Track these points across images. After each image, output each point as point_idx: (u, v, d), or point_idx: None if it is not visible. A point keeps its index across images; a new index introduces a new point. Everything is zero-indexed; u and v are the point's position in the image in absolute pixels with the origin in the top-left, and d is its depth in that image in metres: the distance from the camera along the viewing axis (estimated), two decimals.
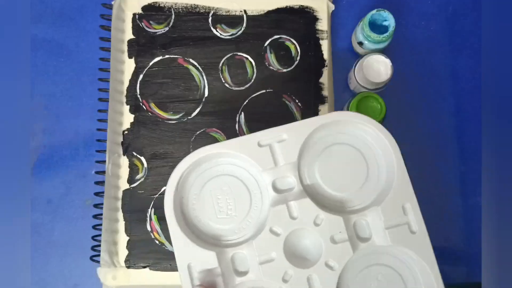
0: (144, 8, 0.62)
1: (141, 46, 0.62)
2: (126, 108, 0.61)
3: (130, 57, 0.62)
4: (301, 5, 0.62)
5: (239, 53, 0.62)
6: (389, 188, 0.47)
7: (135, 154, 0.61)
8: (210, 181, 0.49)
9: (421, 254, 0.46)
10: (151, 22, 0.62)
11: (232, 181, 0.50)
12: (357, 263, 0.47)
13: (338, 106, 0.62)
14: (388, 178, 0.48)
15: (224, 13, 0.62)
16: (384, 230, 0.46)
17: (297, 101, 0.61)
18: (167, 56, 0.62)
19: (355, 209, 0.49)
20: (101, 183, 0.60)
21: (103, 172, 0.60)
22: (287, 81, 0.61)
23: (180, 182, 0.49)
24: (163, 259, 0.59)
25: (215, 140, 0.61)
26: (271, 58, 0.62)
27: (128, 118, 0.61)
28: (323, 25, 0.62)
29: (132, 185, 0.60)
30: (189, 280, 0.46)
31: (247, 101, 0.61)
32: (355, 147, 0.49)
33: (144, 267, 0.59)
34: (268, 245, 0.47)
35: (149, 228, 0.60)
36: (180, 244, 0.47)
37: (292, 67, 0.62)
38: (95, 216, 0.60)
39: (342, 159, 0.49)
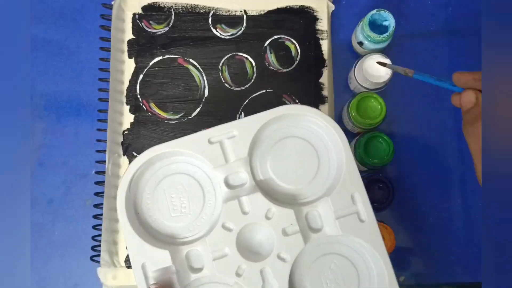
0: (144, 8, 0.62)
1: (141, 46, 0.62)
2: (126, 108, 0.61)
3: (130, 57, 0.62)
4: (301, 5, 0.62)
5: (239, 53, 0.62)
6: (338, 179, 0.48)
7: (135, 154, 0.61)
8: (164, 179, 0.49)
9: (371, 241, 0.47)
10: (151, 22, 0.62)
11: (185, 179, 0.50)
12: (310, 254, 0.48)
13: (338, 106, 0.62)
14: (338, 169, 0.49)
15: (224, 13, 0.62)
16: (334, 220, 0.47)
17: (297, 101, 0.61)
18: (167, 56, 0.62)
19: (306, 201, 0.49)
20: (101, 183, 0.60)
21: (103, 172, 0.60)
22: (287, 81, 0.61)
23: (133, 182, 0.48)
24: None
25: None
26: (271, 58, 0.62)
27: (128, 118, 0.61)
28: (323, 25, 0.62)
29: None
30: (144, 280, 0.46)
31: (247, 101, 0.61)
32: (305, 139, 0.50)
33: None
34: (221, 241, 0.47)
35: None
36: (134, 244, 0.47)
37: (292, 67, 0.62)
38: (95, 216, 0.60)
39: (293, 152, 0.49)
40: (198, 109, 0.61)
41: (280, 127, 0.50)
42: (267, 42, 0.62)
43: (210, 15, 0.62)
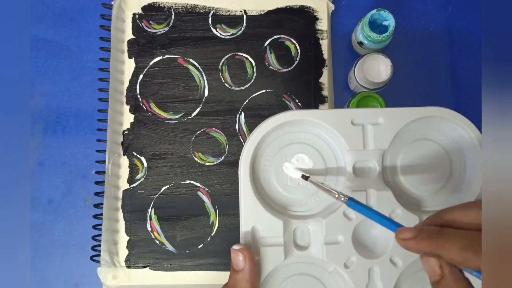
0: (144, 8, 0.62)
1: (141, 46, 0.62)
2: (126, 108, 0.61)
3: (130, 57, 0.62)
4: (301, 5, 0.62)
5: (239, 53, 0.62)
6: (470, 198, 0.46)
7: (135, 154, 0.61)
8: (288, 146, 0.48)
9: None
10: (151, 22, 0.62)
11: (311, 152, 0.48)
12: (417, 263, 0.46)
13: (338, 106, 0.62)
14: (469, 187, 0.47)
15: (224, 13, 0.62)
16: None
17: (297, 101, 0.61)
18: (167, 56, 0.62)
19: (429, 210, 0.47)
20: (101, 183, 0.60)
21: (103, 172, 0.60)
22: (287, 81, 0.61)
23: (260, 140, 0.47)
24: (163, 259, 0.59)
25: (215, 140, 0.61)
26: (271, 58, 0.62)
27: (128, 118, 0.61)
28: (323, 25, 0.62)
29: (132, 185, 0.60)
30: (250, 239, 0.45)
31: (247, 101, 0.61)
32: (443, 148, 0.48)
33: (144, 267, 0.59)
34: (338, 227, 0.46)
35: (149, 228, 0.60)
36: (249, 204, 0.46)
37: (292, 67, 0.62)
38: (95, 216, 0.60)
39: (426, 156, 0.48)
40: (198, 109, 0.61)
41: (420, 127, 0.48)
42: (267, 42, 0.62)
43: (210, 15, 0.62)
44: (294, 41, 0.62)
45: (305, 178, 0.47)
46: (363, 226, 0.46)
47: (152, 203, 0.60)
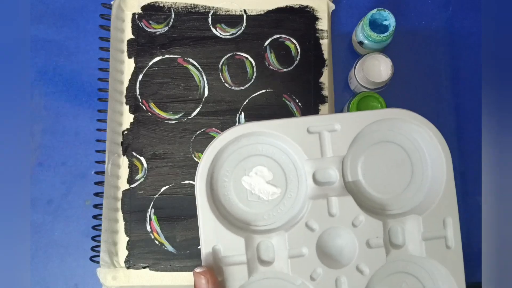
0: (143, 8, 0.62)
1: (140, 46, 0.62)
2: (126, 108, 0.61)
3: (129, 57, 0.62)
4: (301, 5, 0.62)
5: (239, 53, 0.62)
6: (434, 199, 0.46)
7: (134, 154, 0.61)
8: (246, 159, 0.47)
9: (452, 270, 0.45)
10: (150, 22, 0.62)
11: (269, 163, 0.47)
12: (385, 269, 0.46)
13: (339, 106, 0.62)
14: (432, 187, 0.47)
15: (224, 13, 0.62)
16: (421, 241, 0.45)
17: (297, 101, 0.61)
18: (166, 56, 0.62)
19: (393, 213, 0.47)
20: (101, 183, 0.60)
21: (103, 173, 0.60)
22: (287, 81, 0.61)
23: (215, 156, 0.46)
24: (163, 259, 0.59)
25: None
26: (271, 57, 0.62)
27: (127, 118, 0.61)
28: (323, 24, 0.62)
29: (132, 186, 0.60)
30: (212, 260, 0.45)
31: (247, 101, 0.61)
32: (403, 148, 0.47)
33: (144, 267, 0.59)
34: (301, 240, 0.45)
35: (149, 229, 0.59)
36: (208, 223, 0.45)
37: (292, 66, 0.62)
38: (95, 217, 0.60)
39: (387, 159, 0.47)
40: (198, 109, 0.61)
41: (379, 130, 0.47)
42: (267, 41, 0.62)
43: (210, 14, 0.62)
44: (294, 41, 0.62)
45: None
46: (327, 236, 0.46)
47: (152, 203, 0.60)
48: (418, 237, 0.46)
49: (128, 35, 0.62)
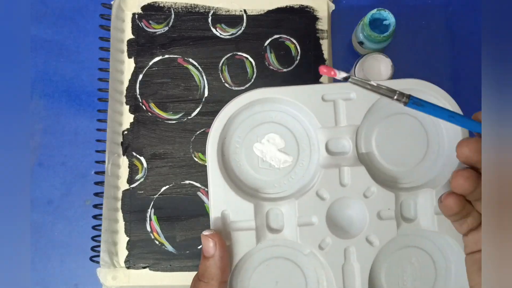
0: (143, 7, 0.62)
1: (140, 46, 0.62)
2: (126, 108, 0.61)
3: (129, 57, 0.62)
4: (301, 5, 0.62)
5: (239, 53, 0.62)
6: (449, 172, 0.44)
7: (134, 154, 0.60)
8: (259, 126, 0.47)
9: None
10: (150, 22, 0.62)
11: (282, 131, 0.47)
12: (395, 242, 0.46)
13: None
14: (447, 161, 0.46)
15: (224, 13, 0.62)
16: (433, 215, 0.45)
17: None
18: (166, 56, 0.62)
19: (406, 186, 0.46)
20: (101, 183, 0.60)
21: (103, 173, 0.60)
22: (287, 81, 0.61)
23: (228, 121, 0.46)
24: (163, 259, 0.59)
25: None
26: (271, 57, 0.62)
27: (127, 118, 0.61)
28: (323, 24, 0.62)
29: (132, 186, 0.60)
30: (221, 227, 0.44)
31: None
32: (419, 120, 0.46)
33: (144, 267, 0.59)
34: (311, 208, 0.44)
35: (149, 229, 0.59)
36: (218, 189, 0.45)
37: (292, 66, 0.62)
38: (95, 217, 0.60)
39: (402, 131, 0.46)
40: (198, 109, 0.61)
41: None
42: (267, 41, 0.62)
43: (210, 14, 0.62)
44: (294, 41, 0.62)
45: (345, 79, 0.41)
46: (338, 206, 0.45)
47: (152, 203, 0.60)
48: (430, 211, 0.45)
49: (128, 35, 0.62)
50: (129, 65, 0.62)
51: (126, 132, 0.61)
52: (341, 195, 0.45)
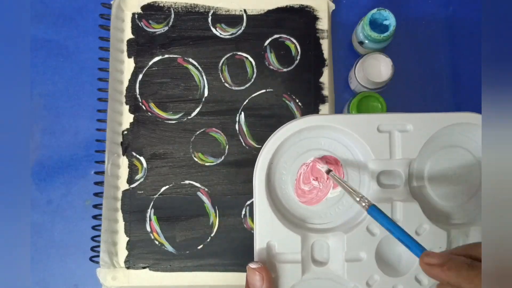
0: (143, 7, 0.62)
1: (140, 46, 0.62)
2: (126, 108, 0.61)
3: (129, 56, 0.62)
4: (301, 4, 0.62)
5: (239, 53, 0.62)
6: None
7: (134, 154, 0.60)
8: (307, 153, 0.45)
9: None
10: (150, 21, 0.62)
11: None
12: None
13: (339, 105, 0.62)
14: None
15: (223, 13, 0.62)
16: None
17: (297, 100, 0.61)
18: (166, 55, 0.62)
19: (457, 223, 0.45)
20: (101, 183, 0.60)
21: (103, 173, 0.60)
22: (287, 80, 0.61)
23: (277, 147, 0.44)
24: (163, 259, 0.59)
25: (215, 140, 0.60)
26: (271, 57, 0.62)
27: (127, 118, 0.61)
28: (323, 24, 0.62)
29: (132, 186, 0.60)
30: (266, 256, 0.43)
31: (247, 101, 0.61)
32: (474, 155, 0.45)
33: (144, 267, 0.59)
34: (360, 243, 0.43)
35: (148, 229, 0.59)
36: (265, 218, 0.43)
37: (292, 66, 0.62)
38: (94, 217, 0.60)
39: (456, 165, 0.45)
40: (197, 109, 0.61)
41: (450, 133, 0.45)
42: (267, 41, 0.62)
43: (210, 14, 0.62)
44: (294, 41, 0.62)
45: (328, 171, 0.44)
46: (387, 242, 0.44)
47: (152, 203, 0.60)
48: None
49: (128, 35, 0.62)
50: (129, 65, 0.62)
51: (126, 132, 0.61)
52: None
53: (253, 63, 0.62)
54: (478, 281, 0.32)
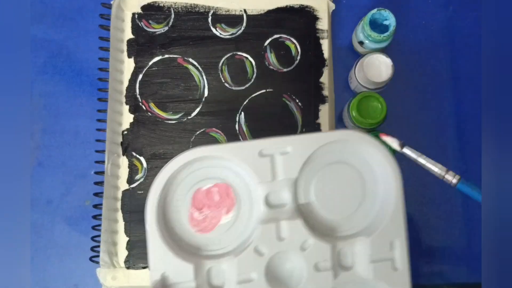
0: (143, 7, 0.62)
1: (140, 46, 0.62)
2: (126, 108, 0.61)
3: (129, 56, 0.62)
4: (301, 4, 0.62)
5: (239, 53, 0.62)
6: (382, 220, 0.46)
7: (134, 154, 0.60)
8: (200, 183, 0.47)
9: None
10: (150, 21, 0.62)
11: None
12: None
13: (339, 105, 0.62)
14: (382, 209, 0.47)
15: (224, 13, 0.62)
16: (369, 263, 0.46)
17: (297, 101, 0.61)
18: (166, 55, 0.62)
19: (343, 235, 0.47)
20: (101, 183, 0.60)
21: (103, 173, 0.60)
22: (287, 81, 0.61)
23: (168, 181, 0.46)
24: None
25: (215, 140, 0.61)
26: (271, 57, 0.62)
27: (127, 118, 0.61)
28: (323, 24, 0.62)
29: (132, 186, 0.60)
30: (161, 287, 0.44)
31: (247, 101, 0.61)
32: (356, 169, 0.47)
33: (144, 267, 0.59)
34: (250, 264, 0.45)
35: None
36: (157, 250, 0.45)
37: (292, 66, 0.62)
38: (94, 217, 0.60)
39: (340, 180, 0.47)
40: (197, 109, 0.61)
41: (331, 151, 0.47)
42: (267, 41, 0.62)
43: (210, 14, 0.62)
44: (295, 41, 0.62)
45: (402, 145, 0.45)
46: (277, 260, 0.46)
47: None
48: (366, 259, 0.46)
49: (128, 35, 0.62)
50: (129, 65, 0.62)
51: (125, 132, 0.61)
52: (279, 249, 0.45)
53: (253, 63, 0.62)
54: None
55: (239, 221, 0.47)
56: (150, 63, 0.62)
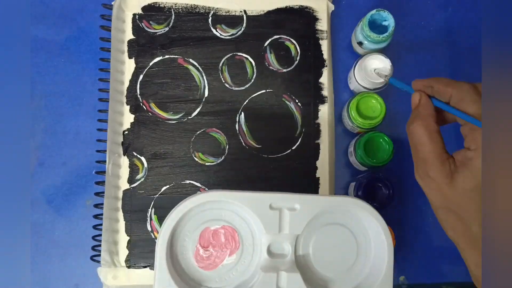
0: (144, 8, 0.62)
1: (141, 46, 0.62)
2: (126, 108, 0.61)
3: (130, 57, 0.62)
4: (301, 5, 0.62)
5: (239, 53, 0.62)
6: (372, 283, 0.48)
7: (135, 154, 0.61)
8: (208, 222, 0.49)
9: None
10: (151, 22, 0.62)
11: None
12: None
13: (338, 106, 0.62)
14: (372, 272, 0.49)
15: (224, 13, 0.62)
16: None
17: (297, 101, 0.61)
18: (167, 56, 0.62)
19: None
20: (102, 183, 0.60)
21: (104, 172, 0.60)
22: (287, 81, 0.61)
23: (180, 217, 0.48)
24: None
25: (215, 140, 0.61)
26: (271, 58, 0.62)
27: (128, 118, 0.61)
28: (323, 25, 0.62)
29: (132, 185, 0.60)
30: None
31: (247, 101, 0.61)
32: (353, 232, 0.50)
33: (145, 266, 0.59)
34: None
35: (149, 228, 0.60)
36: (163, 282, 0.47)
37: (292, 67, 0.62)
38: (95, 216, 0.60)
39: (337, 240, 0.50)
40: (198, 109, 0.61)
41: (333, 212, 0.50)
42: (267, 42, 0.62)
43: (210, 15, 0.62)
44: (294, 41, 0.62)
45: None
46: None
47: (152, 203, 0.60)
48: None
49: (129, 35, 0.62)
50: (130, 65, 0.62)
51: (126, 132, 0.61)
52: None
53: (253, 63, 0.62)
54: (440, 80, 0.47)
55: (240, 264, 0.49)
56: (151, 63, 0.62)
